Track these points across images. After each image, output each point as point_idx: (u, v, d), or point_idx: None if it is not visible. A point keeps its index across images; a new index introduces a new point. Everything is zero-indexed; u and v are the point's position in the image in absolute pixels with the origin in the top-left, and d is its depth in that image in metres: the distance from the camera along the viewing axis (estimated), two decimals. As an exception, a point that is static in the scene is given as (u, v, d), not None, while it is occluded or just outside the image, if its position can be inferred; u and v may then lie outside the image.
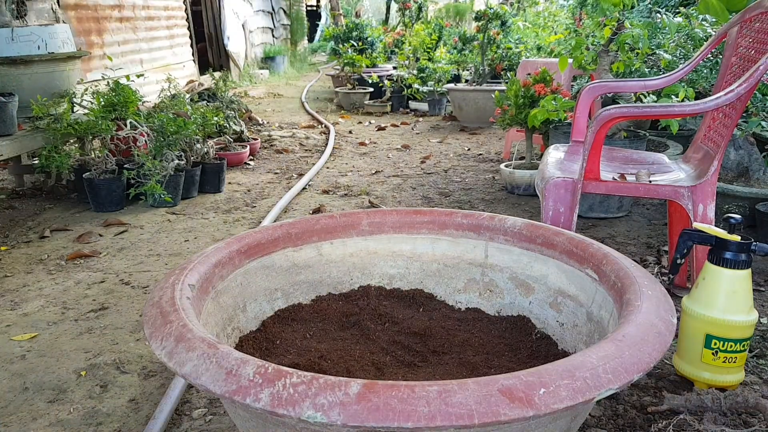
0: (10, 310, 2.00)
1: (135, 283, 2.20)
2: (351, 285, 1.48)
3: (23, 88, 3.01)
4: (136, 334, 1.83)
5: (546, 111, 2.87)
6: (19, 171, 3.44)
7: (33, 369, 1.64)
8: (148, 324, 0.96)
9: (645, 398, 1.44)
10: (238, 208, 3.09)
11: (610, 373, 0.80)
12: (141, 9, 5.77)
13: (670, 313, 0.97)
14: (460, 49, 6.63)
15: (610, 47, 2.73)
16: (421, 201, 3.15)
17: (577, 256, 1.26)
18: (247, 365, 0.80)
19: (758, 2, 1.89)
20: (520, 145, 3.87)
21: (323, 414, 0.73)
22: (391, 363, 1.22)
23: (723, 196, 2.48)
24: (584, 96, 2.24)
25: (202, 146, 3.34)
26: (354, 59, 6.53)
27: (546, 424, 0.86)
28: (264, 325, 1.33)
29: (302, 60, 11.79)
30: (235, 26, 8.77)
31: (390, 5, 11.27)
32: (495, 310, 1.43)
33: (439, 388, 0.74)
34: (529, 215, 2.87)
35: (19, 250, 2.54)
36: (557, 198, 1.82)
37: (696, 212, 1.75)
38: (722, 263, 1.40)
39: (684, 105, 1.90)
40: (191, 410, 1.46)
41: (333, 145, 4.54)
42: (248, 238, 1.33)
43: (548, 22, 7.13)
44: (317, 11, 15.48)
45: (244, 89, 6.69)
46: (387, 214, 1.49)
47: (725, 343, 1.40)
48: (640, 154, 2.26)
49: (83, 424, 1.41)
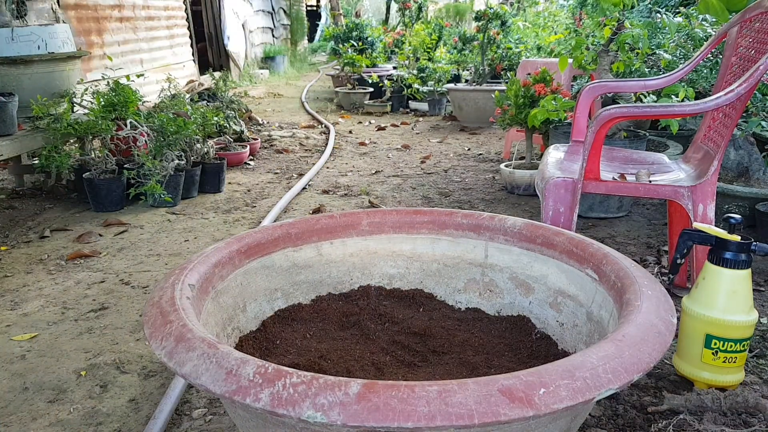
0: (10, 310, 2.00)
1: (135, 283, 2.20)
2: (351, 285, 1.48)
3: (23, 88, 3.01)
4: (136, 334, 1.83)
5: (546, 111, 2.87)
6: (19, 171, 3.44)
7: (33, 369, 1.64)
8: (148, 324, 0.96)
9: (645, 398, 1.44)
10: (238, 208, 3.09)
11: (610, 373, 0.80)
12: (141, 9, 5.77)
13: (670, 313, 0.97)
14: (460, 49, 6.63)
15: (610, 47, 2.74)
16: (421, 201, 3.15)
17: (577, 256, 1.26)
18: (247, 365, 0.80)
19: (758, 2, 1.89)
20: (520, 145, 3.87)
21: (323, 414, 0.73)
22: (391, 363, 1.22)
23: (723, 196, 2.48)
24: (584, 96, 2.24)
25: (202, 146, 3.34)
26: (354, 59, 6.53)
27: (546, 424, 0.86)
28: (264, 325, 1.33)
29: (302, 60, 11.79)
30: (235, 26, 8.77)
31: (390, 5, 11.27)
32: (495, 310, 1.43)
33: (439, 388, 0.74)
34: (529, 215, 2.87)
35: (19, 250, 2.54)
36: (557, 198, 1.82)
37: (696, 212, 1.75)
38: (722, 263, 1.40)
39: (684, 105, 1.90)
40: (191, 410, 1.46)
41: (333, 145, 4.54)
42: (248, 238, 1.33)
43: (548, 22, 7.13)
44: (317, 11, 15.49)
45: (244, 89, 6.69)
46: (387, 214, 1.49)
47: (725, 343, 1.40)
48: (640, 154, 2.26)
49: (83, 424, 1.41)
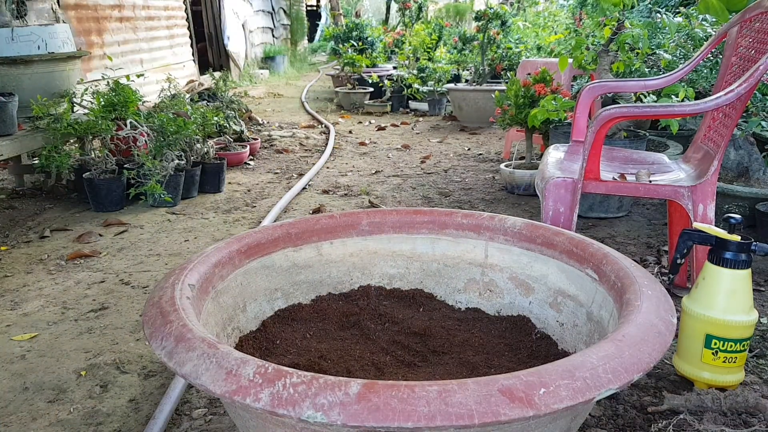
0: (10, 310, 2.00)
1: (135, 283, 2.20)
2: (351, 285, 1.48)
3: (23, 88, 3.01)
4: (136, 334, 1.83)
5: (546, 111, 2.87)
6: (19, 171, 3.44)
7: (33, 369, 1.64)
8: (148, 324, 0.96)
9: (645, 398, 1.44)
10: (238, 208, 3.09)
11: (610, 373, 0.80)
12: (141, 9, 5.77)
13: (670, 313, 0.97)
14: (460, 49, 6.63)
15: (610, 47, 2.73)
16: (421, 201, 3.15)
17: (577, 256, 1.26)
18: (247, 365, 0.80)
19: (758, 2, 1.89)
20: (520, 145, 3.87)
21: (323, 414, 0.73)
22: (391, 363, 1.22)
23: (723, 196, 2.48)
24: (584, 96, 2.24)
25: (202, 146, 3.34)
26: (354, 59, 6.53)
27: (546, 424, 0.86)
28: (264, 325, 1.33)
29: (302, 60, 11.79)
30: (235, 26, 8.77)
31: (390, 5, 11.27)
32: (495, 310, 1.43)
33: (439, 388, 0.74)
34: (529, 215, 2.87)
35: (19, 250, 2.54)
36: (557, 198, 1.82)
37: (696, 212, 1.75)
38: (722, 263, 1.40)
39: (684, 105, 1.90)
40: (191, 410, 1.46)
41: (333, 145, 4.54)
42: (248, 238, 1.33)
43: (548, 22, 7.13)
44: (317, 11, 15.48)
45: (244, 89, 6.69)
46: (387, 214, 1.49)
47: (725, 343, 1.40)
48: (640, 154, 2.26)
49: (83, 424, 1.41)
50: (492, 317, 1.41)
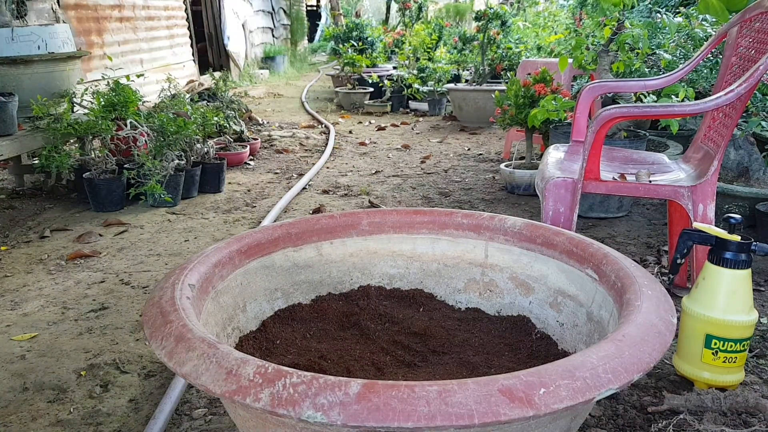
0: (10, 310, 2.00)
1: (135, 283, 2.20)
2: (351, 285, 1.48)
3: (23, 88, 3.01)
4: (136, 334, 1.83)
5: (546, 111, 2.87)
6: (19, 171, 3.44)
7: (33, 369, 1.64)
8: (148, 324, 0.96)
9: (645, 398, 1.44)
10: (238, 208, 3.09)
11: (610, 373, 0.80)
12: (141, 9, 5.77)
13: (670, 313, 0.97)
14: (460, 49, 6.63)
15: (610, 47, 2.73)
16: (421, 201, 3.15)
17: (577, 256, 1.26)
18: (247, 365, 0.80)
19: (758, 2, 1.89)
20: (520, 145, 3.87)
21: (323, 414, 0.73)
22: (391, 363, 1.22)
23: (723, 196, 2.48)
24: (584, 96, 2.24)
25: (202, 146, 3.34)
26: (354, 59, 6.53)
27: (546, 424, 0.86)
28: (264, 325, 1.33)
29: (302, 60, 11.79)
30: (235, 26, 8.77)
31: (390, 5, 11.27)
32: (495, 310, 1.43)
33: (439, 388, 0.74)
34: (529, 215, 2.87)
35: (19, 250, 2.54)
36: (557, 198, 1.82)
37: (696, 212, 1.75)
38: (722, 263, 1.40)
39: (684, 105, 1.90)
40: (191, 410, 1.46)
41: (333, 145, 4.54)
42: (248, 238, 1.33)
43: (548, 22, 7.12)
44: (317, 11, 15.48)
45: (244, 89, 6.69)
46: (387, 214, 1.49)
47: (725, 343, 1.40)
48: (640, 154, 2.26)
49: (83, 424, 1.41)
50: (492, 317, 1.41)
